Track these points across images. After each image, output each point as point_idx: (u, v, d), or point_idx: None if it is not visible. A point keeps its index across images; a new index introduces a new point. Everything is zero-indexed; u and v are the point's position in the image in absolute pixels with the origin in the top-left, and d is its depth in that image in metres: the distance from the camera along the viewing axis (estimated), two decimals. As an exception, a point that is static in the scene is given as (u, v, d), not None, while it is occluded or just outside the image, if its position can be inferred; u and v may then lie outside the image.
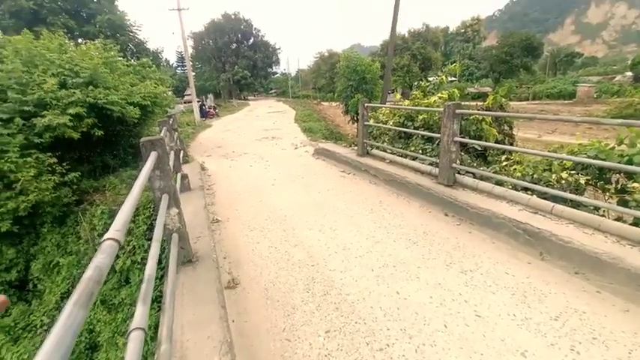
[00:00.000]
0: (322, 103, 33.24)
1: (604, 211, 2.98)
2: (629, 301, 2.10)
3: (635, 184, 2.96)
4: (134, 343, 0.96)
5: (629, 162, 3.02)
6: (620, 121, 2.73)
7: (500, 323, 2.01)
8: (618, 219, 2.85)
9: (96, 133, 5.65)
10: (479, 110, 5.55)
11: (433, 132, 4.91)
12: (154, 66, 8.89)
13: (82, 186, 5.71)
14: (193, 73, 24.44)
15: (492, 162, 4.70)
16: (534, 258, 2.64)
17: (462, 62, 51.15)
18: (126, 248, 4.34)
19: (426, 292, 2.35)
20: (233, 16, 49.13)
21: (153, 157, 2.13)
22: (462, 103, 4.49)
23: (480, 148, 5.12)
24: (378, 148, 5.84)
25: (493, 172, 3.99)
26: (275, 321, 2.19)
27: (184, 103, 30.91)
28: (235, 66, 46.91)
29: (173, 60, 54.24)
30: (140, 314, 1.10)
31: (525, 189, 3.43)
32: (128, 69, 7.64)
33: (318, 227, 3.52)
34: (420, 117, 5.77)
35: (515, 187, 3.50)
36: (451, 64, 8.58)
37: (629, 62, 38.77)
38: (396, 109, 6.67)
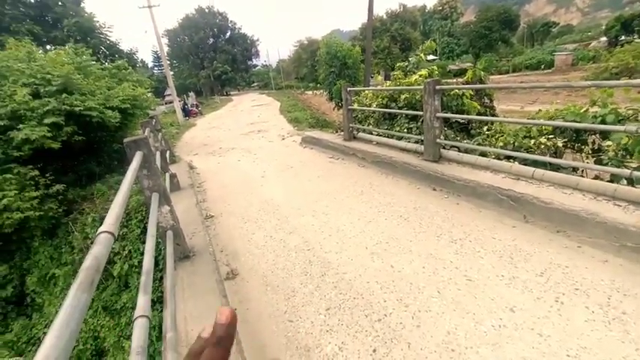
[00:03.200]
0: (306, 92, 32.94)
1: (582, 171, 3.11)
2: (607, 252, 2.23)
3: (609, 143, 3.09)
4: (139, 329, 1.00)
5: (603, 122, 3.15)
6: (589, 82, 2.84)
7: (489, 284, 2.12)
8: (596, 177, 2.99)
9: (76, 139, 5.52)
10: (458, 85, 5.61)
11: (416, 110, 4.97)
12: (130, 68, 8.64)
13: (68, 196, 5.61)
14: (172, 72, 23.86)
15: (475, 135, 4.81)
16: (519, 221, 2.76)
17: (441, 40, 51.12)
18: (122, 253, 4.33)
19: (419, 263, 2.45)
20: (207, 10, 47.72)
21: (138, 156, 2.13)
22: (444, 80, 4.55)
23: (462, 122, 5.22)
24: (364, 131, 5.89)
25: (476, 144, 4.09)
26: (276, 305, 2.26)
27: (165, 103, 30.25)
28: (214, 61, 45.87)
29: (149, 60, 52.63)
30: (142, 303, 1.14)
31: (507, 157, 3.54)
32: (103, 72, 7.42)
33: (311, 213, 3.58)
34: (403, 97, 5.81)
35: (498, 157, 3.61)
36: (431, 42, 8.59)
37: (603, 27, 39.41)
38: (378, 91, 6.70)
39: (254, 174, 5.55)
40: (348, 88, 5.89)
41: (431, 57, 32.96)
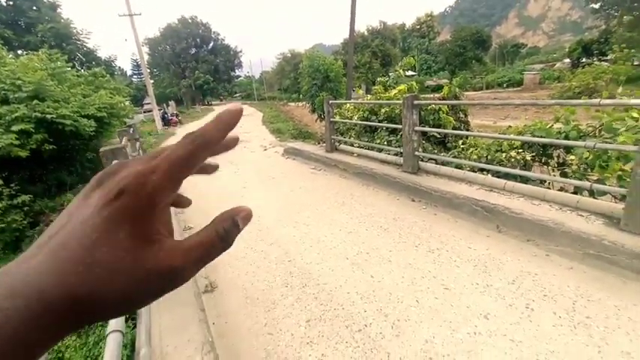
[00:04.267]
0: (289, 103, 33.18)
1: (548, 183, 3.31)
2: (572, 260, 2.37)
3: (572, 157, 3.31)
4: (112, 344, 0.97)
5: (566, 137, 3.37)
6: (554, 101, 3.05)
7: (465, 292, 2.18)
8: (561, 189, 3.18)
9: (46, 148, 5.28)
10: (435, 100, 5.86)
11: (396, 124, 5.13)
12: (107, 75, 8.43)
13: (35, 207, 5.32)
14: (152, 81, 23.40)
15: (451, 148, 5.01)
16: (492, 231, 2.88)
17: (419, 57, 53.27)
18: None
19: (398, 272, 2.49)
20: (190, 21, 47.61)
21: (114, 166, 2.07)
22: (422, 95, 4.75)
23: (439, 136, 5.42)
24: (345, 143, 5.99)
25: (452, 157, 4.26)
26: (256, 318, 2.22)
27: (144, 112, 29.51)
28: (196, 71, 45.52)
29: (128, 68, 51.51)
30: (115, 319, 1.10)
31: (481, 169, 3.71)
32: (79, 79, 7.20)
33: (292, 224, 3.57)
34: (383, 110, 5.99)
35: (472, 169, 3.77)
36: (411, 58, 8.97)
37: (567, 50, 42.52)
38: (359, 105, 6.87)
39: (235, 185, 5.48)
40: (330, 101, 6.01)
41: (410, 73, 34.22)
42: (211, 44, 50.00)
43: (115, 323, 1.05)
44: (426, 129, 4.57)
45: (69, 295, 0.19)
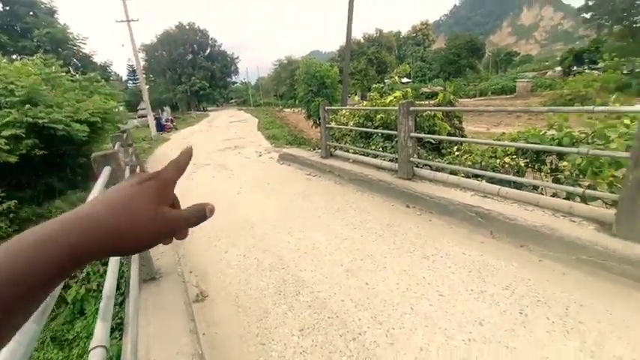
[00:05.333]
0: (284, 109, 33.28)
1: (541, 189, 3.32)
2: (565, 266, 2.37)
3: (565, 163, 3.34)
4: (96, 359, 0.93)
5: (559, 144, 3.40)
6: (547, 108, 3.09)
7: (459, 299, 2.16)
8: (553, 195, 3.20)
9: (37, 154, 5.21)
10: (430, 107, 5.91)
11: (391, 130, 5.15)
12: (102, 80, 8.40)
13: (21, 214, 5.21)
14: (147, 86, 23.36)
15: (446, 154, 5.03)
16: (486, 237, 2.87)
17: (414, 64, 54.03)
18: (79, 276, 4.03)
19: (393, 279, 2.47)
20: (187, 27, 47.83)
21: (106, 172, 2.04)
22: (417, 102, 4.79)
23: (434, 142, 5.46)
24: (341, 149, 6.00)
25: (447, 163, 4.28)
26: (248, 327, 2.18)
27: (139, 117, 29.39)
28: (192, 77, 45.58)
29: (124, 74, 51.44)
30: (100, 332, 1.06)
31: (476, 176, 3.72)
32: (73, 84, 7.15)
33: (287, 230, 3.54)
34: (378, 117, 6.03)
35: (467, 175, 3.78)
36: (406, 66, 9.08)
37: (558, 58, 43.36)
38: (355, 111, 6.91)
39: (229, 190, 5.45)
40: (326, 107, 6.03)
41: (405, 80, 34.61)
42: (208, 50, 50.18)
43: (99, 338, 1.01)
44: (422, 135, 4.59)
45: (116, 224, 0.33)
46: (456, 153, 4.50)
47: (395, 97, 6.34)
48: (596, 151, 2.63)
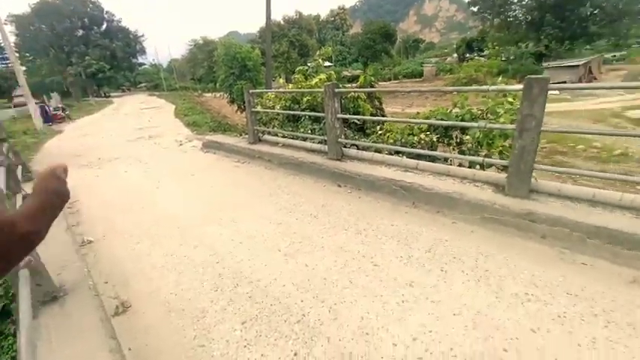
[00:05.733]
0: (204, 94, 30.79)
1: (450, 160, 3.78)
2: (473, 224, 2.76)
3: (467, 137, 3.84)
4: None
5: (462, 120, 3.88)
6: (452, 88, 3.46)
7: (391, 266, 2.34)
8: (460, 165, 3.67)
9: None
10: (354, 89, 6.12)
11: (318, 112, 5.19)
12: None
13: None
14: (23, 68, 18.85)
15: (370, 133, 5.32)
16: (409, 207, 3.16)
17: (335, 48, 55.29)
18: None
19: (331, 257, 2.54)
20: (71, -5, 39.67)
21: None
22: (341, 85, 4.89)
23: (359, 123, 5.71)
24: (269, 133, 5.83)
25: (372, 142, 4.53)
26: (183, 331, 1.99)
27: (15, 106, 23.80)
28: (86, 57, 38.47)
29: (-16, 51, 40.55)
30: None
31: (397, 152, 4.03)
32: None
33: (217, 222, 3.33)
34: (305, 99, 6.00)
35: (390, 152, 4.07)
36: (328, 48, 9.20)
37: (454, 47, 49.50)
38: (281, 94, 6.75)
39: (146, 186, 4.84)
40: (251, 91, 5.74)
41: (327, 63, 35.26)
42: (104, 26, 42.76)
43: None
44: (348, 116, 4.74)
45: None
46: (379, 132, 4.78)
47: (320, 80, 6.38)
48: (490, 125, 3.07)
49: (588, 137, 10.56)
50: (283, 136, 5.60)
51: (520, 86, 2.56)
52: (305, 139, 5.09)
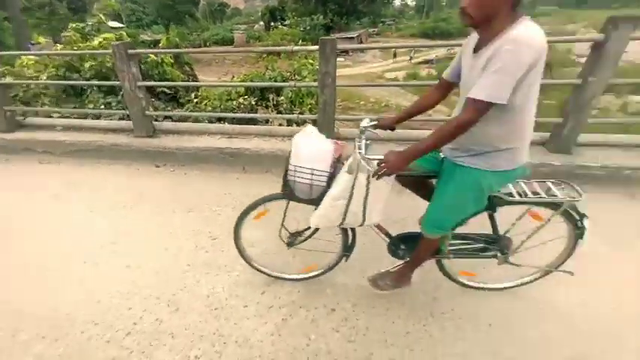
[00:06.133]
0: None
1: (271, 121, 3.94)
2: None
3: (282, 98, 4.08)
4: None
5: (275, 81, 4.05)
6: (262, 49, 3.50)
7: (230, 235, 2.25)
8: (280, 124, 3.89)
9: None
10: (155, 50, 5.21)
11: (111, 82, 4.10)
12: None
13: None
14: None
15: (185, 103, 4.77)
16: (240, 173, 3.12)
17: (125, 5, 45.14)
18: None
19: (161, 247, 2.20)
20: None
21: None
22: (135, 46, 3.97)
23: (170, 91, 4.97)
24: (37, 114, 4.19)
25: (189, 112, 4.07)
26: None
27: None
28: None
29: None
30: None
31: (219, 119, 3.81)
32: None
33: (-37, 254, 2.19)
34: (88, 65, 4.64)
35: (210, 120, 3.79)
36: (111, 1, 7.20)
37: (259, 14, 50.64)
38: (48, 58, 4.95)
39: None
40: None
41: (115, 24, 28.22)
42: None
43: None
44: (152, 83, 4.00)
45: None
46: (195, 100, 4.35)
47: (105, 39, 5.02)
48: (298, 84, 3.33)
49: (367, 94, 13.74)
50: (63, 116, 4.17)
51: (316, 47, 2.85)
52: (99, 117, 3.98)
